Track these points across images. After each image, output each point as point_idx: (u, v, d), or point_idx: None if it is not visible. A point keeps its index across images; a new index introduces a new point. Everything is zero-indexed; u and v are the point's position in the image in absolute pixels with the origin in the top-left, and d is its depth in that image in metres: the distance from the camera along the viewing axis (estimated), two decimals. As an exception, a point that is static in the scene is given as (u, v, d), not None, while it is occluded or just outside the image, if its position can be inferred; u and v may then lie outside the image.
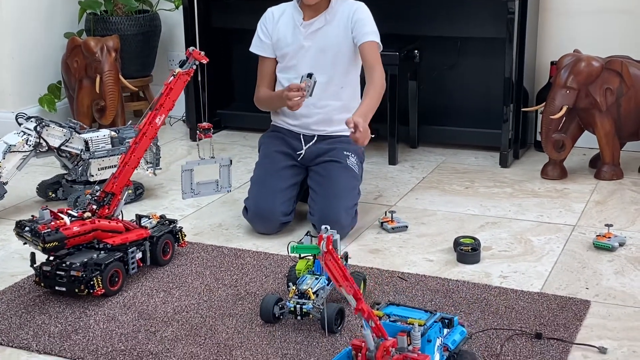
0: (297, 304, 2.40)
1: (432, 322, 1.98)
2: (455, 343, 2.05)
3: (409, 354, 1.88)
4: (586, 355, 2.27)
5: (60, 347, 2.35)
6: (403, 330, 1.92)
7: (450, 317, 2.06)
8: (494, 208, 3.39)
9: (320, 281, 2.47)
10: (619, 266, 2.81)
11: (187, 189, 2.94)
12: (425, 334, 1.93)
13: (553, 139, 3.65)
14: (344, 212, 3.02)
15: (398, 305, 2.09)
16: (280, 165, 3.16)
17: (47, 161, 3.73)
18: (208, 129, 2.91)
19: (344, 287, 1.80)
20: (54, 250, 2.58)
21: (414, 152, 4.17)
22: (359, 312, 1.82)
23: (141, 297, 2.64)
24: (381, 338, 1.87)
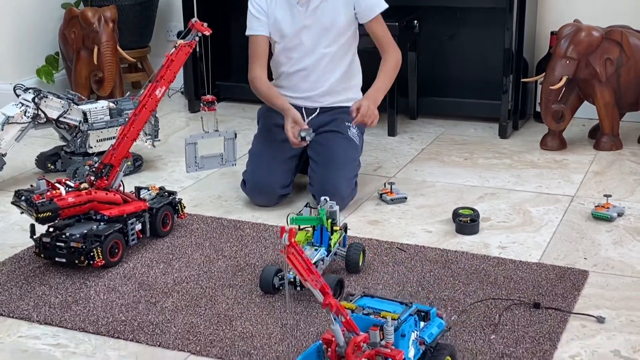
0: (296, 275, 2.39)
1: (407, 316, 1.88)
2: (433, 336, 1.94)
3: (382, 350, 1.79)
4: (584, 324, 2.28)
5: (61, 318, 2.36)
6: (376, 324, 1.82)
7: (427, 309, 1.96)
8: (493, 179, 3.39)
9: (320, 252, 2.47)
10: (617, 236, 2.82)
11: (192, 162, 2.93)
12: (399, 328, 1.84)
13: (552, 109, 3.65)
14: (344, 182, 3.03)
15: (373, 297, 1.98)
16: (279, 138, 3.15)
17: (46, 133, 3.73)
18: (212, 102, 2.90)
19: (310, 281, 1.69)
20: (47, 220, 2.59)
21: (414, 124, 4.16)
22: (327, 307, 1.72)
23: (141, 268, 2.65)
24: (352, 333, 1.78)
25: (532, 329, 2.25)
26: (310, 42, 3.11)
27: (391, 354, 1.78)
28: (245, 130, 4.04)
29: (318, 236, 2.53)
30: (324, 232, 2.53)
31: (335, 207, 2.55)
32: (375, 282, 2.53)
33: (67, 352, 2.21)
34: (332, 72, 3.15)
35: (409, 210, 3.09)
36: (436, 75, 4.22)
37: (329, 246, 2.53)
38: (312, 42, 3.11)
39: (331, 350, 1.78)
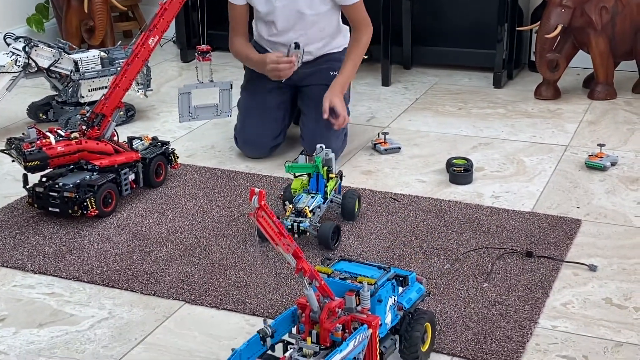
0: (294, 222, 2.42)
1: (384, 280, 1.81)
2: (411, 301, 1.88)
3: (357, 315, 1.73)
4: (576, 272, 2.30)
5: (55, 267, 2.37)
6: (352, 289, 1.76)
7: (406, 274, 1.88)
8: (486, 129, 3.39)
9: (316, 200, 2.49)
10: (610, 185, 2.83)
11: (185, 112, 2.91)
12: (376, 293, 1.77)
13: (547, 58, 3.63)
14: (334, 137, 3.00)
15: (350, 261, 1.91)
16: (264, 88, 3.09)
17: (37, 82, 3.70)
18: (206, 52, 2.86)
19: (281, 246, 1.61)
20: (36, 169, 2.58)
21: (408, 73, 4.14)
22: (300, 272, 1.64)
23: (135, 218, 2.65)
24: (327, 298, 1.71)
25: (524, 277, 2.26)
26: (284, 24, 3.02)
27: (367, 320, 1.73)
28: (238, 80, 4.00)
29: (314, 184, 2.54)
30: (319, 180, 2.54)
31: (330, 155, 2.57)
32: (369, 231, 2.53)
33: (61, 301, 2.22)
34: (314, 42, 3.06)
35: (403, 160, 3.09)
36: (431, 24, 4.18)
37: (325, 193, 2.55)
38: (286, 24, 3.02)
39: (305, 316, 1.72)
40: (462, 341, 2.00)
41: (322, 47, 3.09)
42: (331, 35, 3.10)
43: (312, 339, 1.71)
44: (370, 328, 1.73)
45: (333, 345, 1.70)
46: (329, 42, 3.11)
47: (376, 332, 1.75)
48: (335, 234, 2.43)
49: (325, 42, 3.10)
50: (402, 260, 2.36)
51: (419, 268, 2.31)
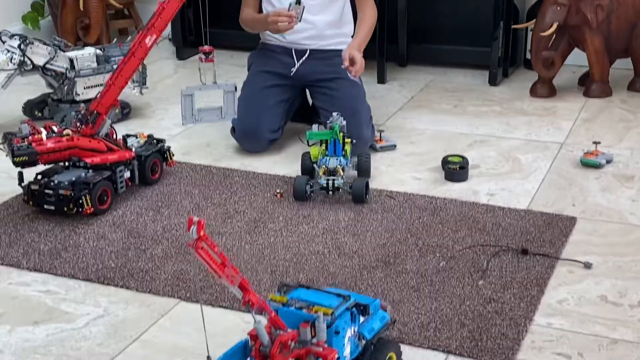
0: (328, 180, 2.66)
1: (343, 310, 1.68)
2: (374, 331, 1.75)
3: (313, 348, 1.61)
4: (571, 270, 2.30)
5: (51, 265, 2.36)
6: (307, 320, 1.63)
7: (367, 302, 1.76)
8: (482, 126, 3.39)
9: (340, 160, 2.72)
10: (605, 183, 2.83)
11: (188, 114, 2.88)
12: (333, 325, 1.64)
13: (543, 56, 3.63)
14: (365, 126, 3.05)
15: (309, 289, 1.76)
16: (267, 83, 3.13)
17: (33, 80, 3.68)
18: (209, 53, 2.85)
19: (225, 277, 1.51)
20: (24, 164, 2.58)
21: (403, 71, 4.14)
22: (247, 305, 1.54)
23: (130, 215, 2.65)
24: (279, 330, 1.60)
25: (519, 274, 2.27)
26: None
27: (322, 354, 1.61)
28: (234, 78, 3.98)
29: (332, 149, 2.75)
30: (336, 145, 2.74)
31: (344, 122, 2.77)
32: (365, 229, 2.54)
33: (57, 298, 2.22)
34: (320, 15, 3.11)
35: (398, 158, 3.09)
36: (426, 21, 4.18)
37: (343, 155, 2.76)
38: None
39: (255, 350, 1.61)
40: (457, 338, 2.00)
41: (332, 36, 3.14)
42: (337, 19, 3.15)
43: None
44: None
45: None
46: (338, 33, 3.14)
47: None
48: (367, 188, 2.67)
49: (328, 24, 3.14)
50: (397, 258, 2.36)
51: (414, 266, 2.32)
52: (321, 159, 2.74)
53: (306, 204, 2.69)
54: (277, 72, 3.16)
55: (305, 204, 2.69)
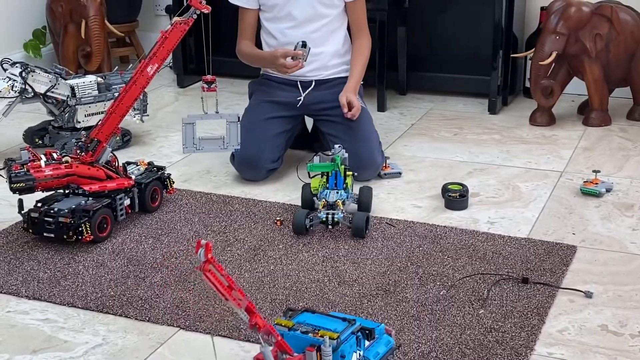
0: (327, 215, 2.61)
1: (349, 334, 1.71)
2: (379, 356, 1.79)
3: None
4: (572, 299, 2.29)
5: (50, 293, 2.36)
6: (313, 344, 1.66)
7: (373, 326, 1.79)
8: (482, 154, 3.39)
9: (341, 194, 2.69)
10: (605, 212, 2.83)
11: (189, 143, 2.89)
12: (339, 349, 1.67)
13: (542, 85, 3.65)
14: (377, 152, 3.09)
15: (314, 313, 1.80)
16: (270, 114, 3.13)
17: (33, 107, 3.70)
18: (212, 82, 2.85)
19: (232, 301, 1.53)
20: (22, 191, 2.58)
21: (403, 99, 4.15)
22: (254, 328, 1.57)
23: (130, 243, 2.64)
24: (285, 354, 1.63)
25: (520, 303, 2.26)
26: (300, 11, 3.08)
27: None
28: (234, 105, 4.02)
29: (333, 181, 2.72)
30: (338, 177, 2.72)
31: (345, 154, 2.76)
32: (365, 257, 2.53)
33: (55, 327, 2.21)
34: (323, 47, 3.13)
35: (399, 186, 3.09)
36: (426, 50, 4.20)
37: (344, 188, 2.73)
38: (302, 11, 3.08)
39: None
40: (458, 368, 1.99)
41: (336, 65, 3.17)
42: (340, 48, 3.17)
43: None
44: None
45: None
46: (341, 61, 3.16)
47: None
48: (367, 222, 2.63)
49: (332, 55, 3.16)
50: (397, 286, 2.35)
51: (415, 294, 2.31)
52: (321, 192, 2.71)
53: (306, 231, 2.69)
54: (281, 102, 3.16)
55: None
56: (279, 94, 3.17)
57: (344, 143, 3.06)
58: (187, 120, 2.86)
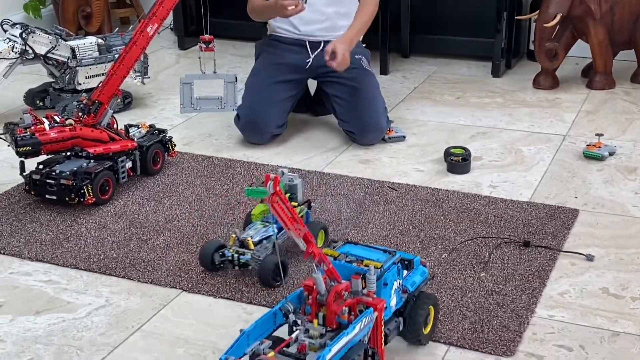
0: (235, 253, 2.22)
1: (390, 264, 1.82)
2: (415, 285, 1.90)
3: (363, 298, 1.75)
4: (573, 262, 2.30)
5: (52, 255, 2.36)
6: (358, 272, 1.78)
7: (411, 258, 1.90)
8: (485, 118, 3.38)
9: (269, 230, 2.27)
10: (608, 175, 2.83)
11: (187, 102, 2.88)
12: (382, 277, 1.78)
13: (546, 47, 3.62)
14: (382, 115, 3.08)
15: (356, 244, 1.91)
16: (278, 78, 3.11)
17: (34, 69, 3.68)
18: (209, 42, 2.84)
19: (293, 230, 1.64)
20: (27, 155, 2.57)
21: (406, 62, 4.13)
22: (309, 256, 1.67)
23: (132, 206, 2.64)
24: (334, 281, 1.73)
25: (521, 267, 2.26)
26: None
27: (372, 303, 1.75)
28: (236, 68, 3.99)
29: None
30: None
31: (296, 181, 2.35)
32: (367, 220, 2.53)
33: (58, 288, 2.22)
34: (333, 7, 3.09)
35: (401, 150, 3.08)
36: (429, 12, 4.16)
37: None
38: None
39: (312, 298, 1.74)
40: (459, 330, 2.00)
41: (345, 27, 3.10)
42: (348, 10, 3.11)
43: (319, 321, 1.73)
44: (375, 311, 1.75)
45: (339, 327, 1.72)
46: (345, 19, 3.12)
47: (382, 315, 1.77)
48: (278, 270, 2.17)
49: (341, 16, 3.12)
50: (399, 249, 2.35)
51: (417, 257, 2.31)
52: (252, 224, 2.31)
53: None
54: (290, 64, 3.13)
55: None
56: (287, 56, 3.14)
57: (349, 105, 3.05)
58: (184, 80, 2.85)
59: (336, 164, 2.95)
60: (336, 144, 3.13)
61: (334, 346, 1.63)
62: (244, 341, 1.66)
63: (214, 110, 2.95)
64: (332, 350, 1.62)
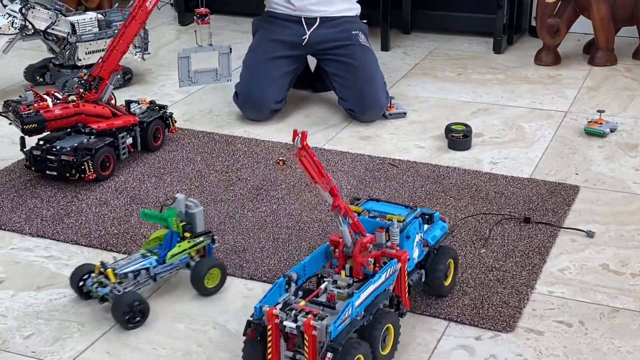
0: (96, 283, 1.99)
1: (412, 219, 1.90)
2: (436, 238, 1.98)
3: (387, 250, 1.84)
4: (574, 239, 2.30)
5: (53, 231, 2.37)
6: (382, 226, 1.87)
7: (431, 213, 1.99)
8: (486, 94, 3.37)
9: (144, 263, 2.02)
10: (609, 152, 2.82)
11: (185, 76, 2.89)
12: (404, 230, 1.86)
13: (548, 23, 3.60)
14: (382, 91, 3.06)
15: (378, 201, 2.01)
16: (275, 54, 3.10)
17: (34, 45, 3.67)
18: (205, 15, 2.83)
19: (320, 184, 1.68)
20: (33, 132, 2.57)
21: (407, 38, 4.11)
22: (335, 209, 1.73)
23: (133, 182, 2.64)
24: (359, 234, 1.80)
25: (522, 243, 2.27)
26: None
27: (396, 255, 1.84)
28: (236, 44, 3.97)
29: (168, 241, 2.05)
30: (173, 238, 2.05)
31: (195, 209, 2.09)
32: (367, 197, 2.53)
33: (59, 264, 2.22)
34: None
35: (402, 126, 3.08)
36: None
37: (165, 256, 2.04)
38: None
39: (339, 251, 1.83)
40: (459, 306, 2.00)
41: (340, 1, 3.13)
42: None
43: (346, 272, 1.82)
44: (399, 262, 1.84)
45: (365, 278, 1.80)
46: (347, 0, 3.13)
47: (405, 266, 1.85)
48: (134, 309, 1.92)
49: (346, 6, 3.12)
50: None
51: (417, 233, 2.32)
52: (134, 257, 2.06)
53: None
54: (286, 41, 3.12)
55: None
56: (284, 32, 3.13)
57: (347, 83, 3.04)
58: (182, 54, 2.86)
59: (337, 141, 2.94)
60: (337, 120, 3.12)
61: (362, 293, 1.72)
62: (276, 291, 1.74)
63: (210, 82, 2.97)
64: (361, 296, 1.71)
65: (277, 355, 1.70)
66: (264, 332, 1.69)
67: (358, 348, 1.65)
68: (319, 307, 1.72)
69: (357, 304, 1.70)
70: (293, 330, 1.66)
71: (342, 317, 1.66)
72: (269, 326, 1.68)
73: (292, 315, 1.68)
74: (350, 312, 1.68)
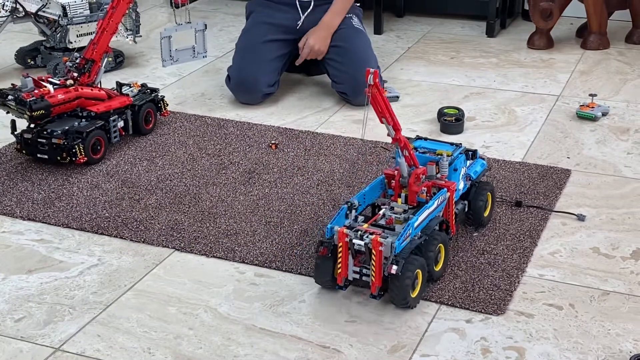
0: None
1: (458, 154, 2.13)
2: (477, 173, 2.21)
3: (437, 181, 2.07)
4: (565, 222, 2.31)
5: (44, 214, 2.36)
6: (432, 160, 2.09)
7: (474, 150, 2.21)
8: (478, 78, 3.37)
9: None
10: (601, 136, 2.83)
11: (167, 56, 2.89)
12: (452, 164, 2.09)
13: (541, 7, 3.59)
14: None
15: (426, 140, 2.23)
16: (269, 37, 3.09)
17: (25, 27, 3.65)
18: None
19: (386, 118, 1.90)
20: (40, 118, 2.56)
21: (400, 22, 4.10)
22: (396, 142, 1.95)
23: (124, 165, 2.64)
24: (412, 167, 2.02)
25: (513, 226, 2.27)
26: None
27: (446, 185, 2.07)
28: (229, 27, 3.97)
29: None
30: None
31: None
32: (360, 181, 2.53)
33: (51, 247, 2.22)
34: None
35: (395, 110, 3.04)
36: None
37: None
38: None
39: (395, 181, 2.05)
40: (450, 289, 2.01)
41: None
42: None
43: (402, 200, 2.05)
44: (448, 192, 2.07)
45: (418, 205, 2.03)
46: None
47: (453, 195, 2.08)
48: None
49: None
50: (391, 209, 2.36)
51: (409, 217, 2.32)
52: None
53: (301, 155, 2.67)
54: (280, 25, 3.11)
55: (300, 156, 2.68)
56: (278, 16, 3.11)
57: (341, 66, 3.03)
58: (164, 33, 2.87)
59: (329, 124, 2.94)
60: (329, 104, 3.12)
61: (419, 216, 1.95)
62: (342, 216, 1.95)
63: (189, 59, 2.98)
64: (419, 219, 1.94)
65: (345, 270, 1.93)
66: (334, 249, 1.91)
67: (417, 262, 1.89)
68: (379, 229, 1.93)
69: (415, 225, 1.93)
70: (361, 247, 1.88)
71: (404, 235, 1.88)
72: (340, 244, 1.90)
73: (358, 235, 1.87)
74: (410, 232, 1.91)
